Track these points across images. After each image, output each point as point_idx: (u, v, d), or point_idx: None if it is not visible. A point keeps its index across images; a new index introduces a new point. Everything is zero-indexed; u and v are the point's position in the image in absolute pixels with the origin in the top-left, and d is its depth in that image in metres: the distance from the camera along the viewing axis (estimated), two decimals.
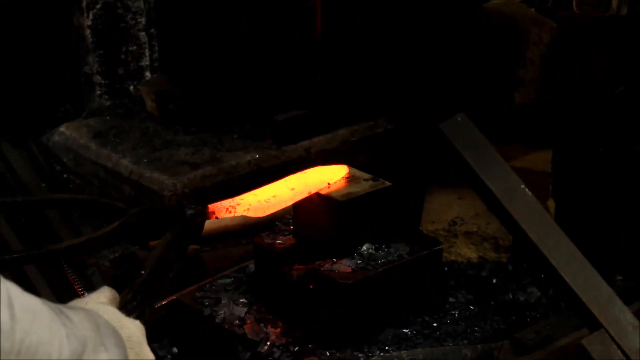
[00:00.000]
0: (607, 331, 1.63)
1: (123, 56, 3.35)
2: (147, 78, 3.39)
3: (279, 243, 2.34)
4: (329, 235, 2.26)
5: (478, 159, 1.70)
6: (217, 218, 2.08)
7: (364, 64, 3.15)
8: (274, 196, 2.21)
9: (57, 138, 3.24)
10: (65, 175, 3.15)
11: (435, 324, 2.32)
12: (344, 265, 2.22)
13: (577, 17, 2.41)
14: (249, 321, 2.30)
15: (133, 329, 1.58)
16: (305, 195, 2.26)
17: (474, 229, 2.64)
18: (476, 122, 1.83)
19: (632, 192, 2.46)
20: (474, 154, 1.71)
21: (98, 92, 3.35)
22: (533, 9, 3.41)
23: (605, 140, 2.49)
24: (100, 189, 3.03)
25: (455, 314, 2.38)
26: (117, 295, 1.70)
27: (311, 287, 2.23)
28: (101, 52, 3.31)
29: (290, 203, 2.25)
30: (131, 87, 3.38)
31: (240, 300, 2.40)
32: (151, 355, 1.58)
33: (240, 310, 2.34)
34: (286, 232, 2.37)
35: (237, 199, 2.16)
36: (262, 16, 3.13)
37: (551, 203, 2.75)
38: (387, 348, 2.23)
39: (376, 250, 2.28)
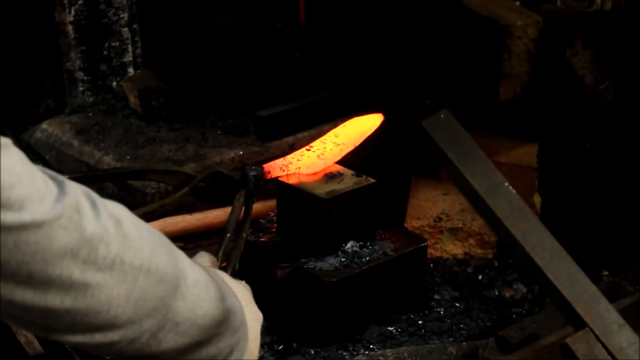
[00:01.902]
0: (591, 330, 1.61)
1: (106, 52, 3.32)
2: (130, 74, 3.37)
3: (263, 240, 2.32)
4: (313, 233, 2.25)
5: (461, 157, 1.69)
6: (272, 178, 2.16)
7: (347, 58, 3.13)
8: (322, 153, 2.23)
9: (39, 135, 3.22)
10: None
11: (420, 322, 2.31)
12: (328, 263, 2.21)
13: (561, 12, 2.40)
14: None
15: (243, 289, 1.60)
16: (351, 148, 2.28)
17: (460, 225, 2.62)
18: (460, 116, 1.82)
19: (617, 187, 2.46)
20: (456, 151, 1.69)
21: (80, 88, 3.32)
22: (518, 3, 3.40)
23: (590, 135, 2.48)
24: None
25: (440, 311, 2.37)
26: (215, 259, 1.74)
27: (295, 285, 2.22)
28: (83, 48, 3.29)
29: (338, 158, 2.27)
30: (114, 84, 3.36)
31: None
32: (261, 315, 1.60)
33: None
34: (270, 230, 2.36)
35: (289, 157, 2.22)
36: (245, 9, 3.11)
37: (537, 198, 2.74)
38: (372, 346, 2.22)
39: (360, 247, 2.26)
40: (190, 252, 2.58)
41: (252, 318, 1.55)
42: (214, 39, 3.14)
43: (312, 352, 2.20)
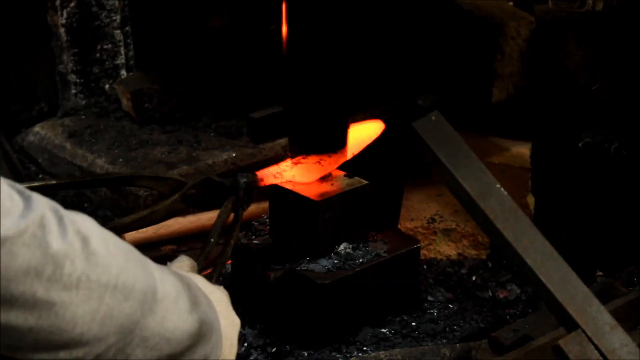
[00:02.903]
0: (584, 331, 1.61)
1: (98, 55, 3.32)
2: (122, 77, 3.36)
3: (256, 243, 2.32)
4: (306, 235, 2.24)
5: (452, 158, 1.68)
6: (265, 185, 2.14)
7: (341, 59, 3.12)
8: (318, 162, 2.22)
9: (32, 138, 3.21)
10: (40, 176, 3.12)
11: (413, 323, 2.31)
12: (321, 265, 2.21)
13: (553, 12, 2.40)
14: None
15: (220, 294, 1.59)
16: (348, 157, 2.26)
17: (453, 226, 2.62)
18: (453, 117, 1.82)
19: (611, 187, 2.46)
20: (448, 152, 1.69)
21: (73, 91, 3.31)
22: (511, 3, 3.40)
23: (584, 135, 2.48)
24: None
25: (434, 312, 2.36)
26: (195, 263, 1.74)
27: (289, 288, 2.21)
28: (76, 50, 3.28)
29: (335, 166, 2.26)
30: (106, 86, 3.35)
31: None
32: (238, 320, 1.59)
33: None
34: (263, 232, 2.35)
35: (283, 165, 2.20)
36: (239, 11, 3.10)
37: (530, 199, 2.74)
38: (365, 348, 2.21)
39: (353, 249, 2.26)
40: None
41: (228, 324, 1.55)
42: (207, 41, 3.14)
43: (306, 355, 2.20)
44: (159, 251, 2.60)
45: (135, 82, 3.20)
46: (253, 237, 2.34)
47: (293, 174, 2.20)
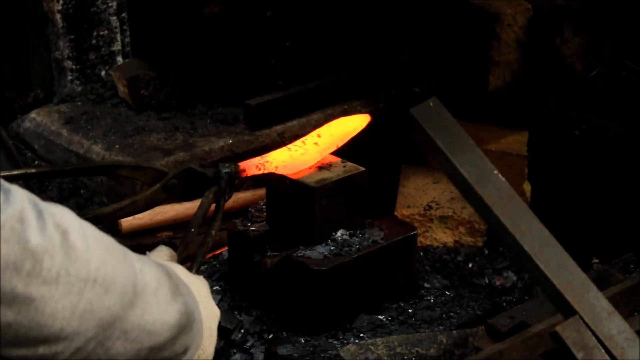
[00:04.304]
0: (581, 318, 1.61)
1: (94, 41, 3.31)
2: (118, 63, 3.35)
3: (252, 230, 2.32)
4: (303, 222, 2.24)
5: (450, 145, 1.68)
6: (247, 176, 2.12)
7: (337, 46, 3.12)
8: (302, 153, 2.21)
9: (28, 124, 3.20)
10: (36, 162, 3.11)
11: (410, 310, 2.31)
12: (318, 252, 2.21)
13: (550, 0, 2.40)
14: (222, 309, 2.28)
15: (200, 284, 1.60)
16: (333, 149, 2.26)
17: (450, 213, 2.62)
18: (450, 104, 1.81)
19: (608, 175, 2.46)
20: (445, 139, 1.68)
21: (69, 77, 3.31)
22: None
23: (580, 123, 2.48)
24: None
25: (430, 299, 2.36)
26: (174, 253, 1.74)
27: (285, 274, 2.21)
28: (72, 37, 3.27)
29: (319, 159, 2.25)
30: (103, 73, 3.34)
31: (214, 288, 2.38)
32: (217, 311, 1.61)
33: (214, 298, 2.32)
34: (259, 219, 2.35)
35: (266, 156, 2.18)
36: None
37: (527, 186, 2.74)
38: (362, 335, 2.22)
39: (350, 236, 2.26)
40: (179, 241, 2.60)
41: (208, 314, 1.55)
42: (204, 27, 3.13)
43: (302, 341, 2.20)
44: (155, 238, 2.60)
45: (132, 69, 3.19)
46: (249, 223, 2.34)
47: (276, 165, 2.19)
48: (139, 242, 2.55)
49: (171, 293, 1.39)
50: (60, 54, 3.29)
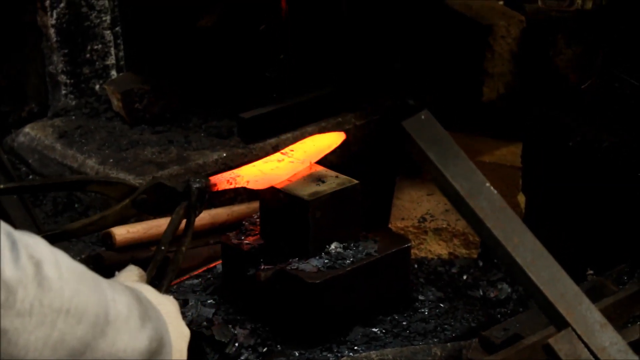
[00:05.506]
0: (574, 330, 1.61)
1: (88, 55, 3.31)
2: (112, 77, 3.35)
3: (246, 243, 2.32)
4: (297, 234, 2.24)
5: (442, 157, 1.68)
6: (218, 190, 2.11)
7: (331, 59, 3.13)
8: (274, 168, 2.21)
9: (22, 139, 3.20)
10: (30, 177, 3.11)
11: (404, 323, 2.31)
12: (312, 265, 2.21)
13: (542, 11, 2.40)
14: (216, 322, 2.28)
15: (169, 305, 1.60)
16: (306, 165, 2.26)
17: (444, 225, 2.62)
18: (442, 117, 1.82)
19: (602, 186, 2.46)
20: (438, 152, 1.69)
21: (63, 91, 3.30)
22: (502, 2, 3.41)
23: (574, 134, 2.49)
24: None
25: (425, 311, 2.36)
26: (144, 273, 1.74)
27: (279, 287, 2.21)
28: (66, 51, 3.27)
29: (290, 174, 2.25)
30: (97, 87, 3.34)
31: (208, 301, 2.38)
32: (187, 331, 1.61)
33: (208, 312, 2.32)
34: (253, 232, 2.35)
35: (237, 171, 2.18)
36: (229, 11, 3.10)
37: (521, 197, 2.74)
38: (356, 348, 2.22)
39: (344, 249, 2.26)
40: (173, 255, 2.59)
41: (178, 335, 1.56)
42: (197, 40, 3.13)
43: (297, 354, 2.20)
44: (148, 251, 2.59)
45: (126, 83, 3.19)
46: (243, 237, 2.34)
47: (247, 180, 2.19)
48: (133, 255, 2.55)
49: (141, 320, 1.39)
50: (54, 68, 3.29)
